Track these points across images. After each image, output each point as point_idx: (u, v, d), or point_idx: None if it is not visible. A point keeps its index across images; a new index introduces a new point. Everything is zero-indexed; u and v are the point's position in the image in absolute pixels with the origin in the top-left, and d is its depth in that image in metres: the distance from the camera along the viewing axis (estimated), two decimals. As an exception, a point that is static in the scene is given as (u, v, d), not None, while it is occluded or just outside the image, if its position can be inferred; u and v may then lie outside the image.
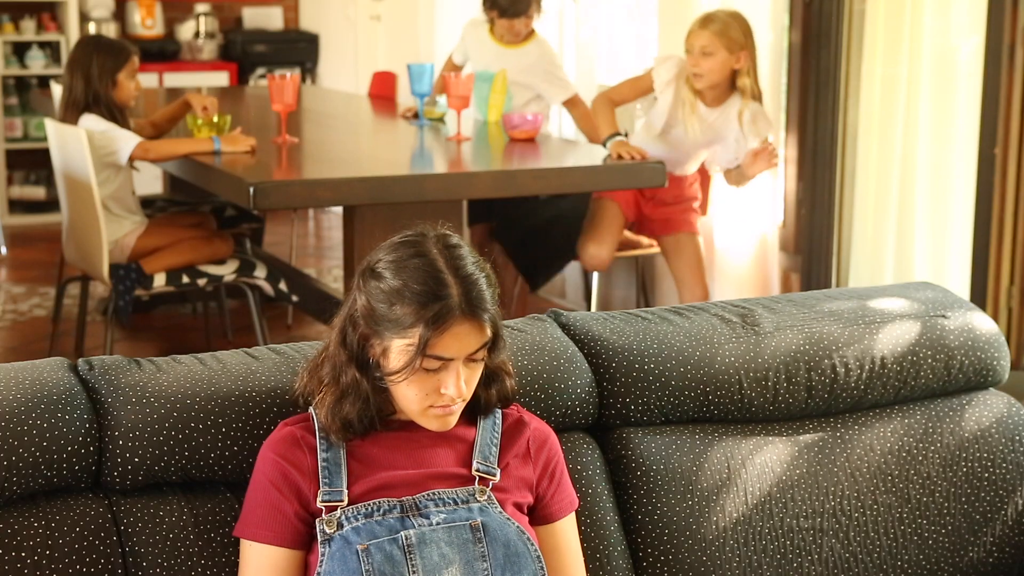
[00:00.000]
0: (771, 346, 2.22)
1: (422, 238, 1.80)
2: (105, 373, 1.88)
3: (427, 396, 1.77)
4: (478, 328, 1.76)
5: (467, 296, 1.75)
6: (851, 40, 4.51)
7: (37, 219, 7.61)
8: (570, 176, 4.13)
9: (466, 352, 1.76)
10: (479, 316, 1.76)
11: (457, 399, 1.78)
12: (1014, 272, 3.97)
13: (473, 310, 1.75)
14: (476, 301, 1.76)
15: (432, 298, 1.74)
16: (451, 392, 1.76)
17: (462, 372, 1.77)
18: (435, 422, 1.80)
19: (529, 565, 1.79)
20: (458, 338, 1.75)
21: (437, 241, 1.80)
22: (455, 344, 1.75)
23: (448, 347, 1.75)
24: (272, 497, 1.78)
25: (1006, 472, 2.30)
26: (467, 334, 1.76)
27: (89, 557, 1.78)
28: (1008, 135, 3.90)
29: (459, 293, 1.75)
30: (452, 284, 1.75)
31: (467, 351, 1.76)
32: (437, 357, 1.75)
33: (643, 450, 2.12)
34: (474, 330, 1.76)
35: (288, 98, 4.29)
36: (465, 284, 1.76)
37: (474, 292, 1.76)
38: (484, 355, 1.79)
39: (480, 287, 1.77)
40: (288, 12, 8.56)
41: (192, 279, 4.31)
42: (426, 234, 1.81)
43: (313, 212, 8.01)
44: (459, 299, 1.75)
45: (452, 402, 1.78)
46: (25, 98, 7.57)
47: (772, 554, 2.13)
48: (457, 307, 1.74)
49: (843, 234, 4.63)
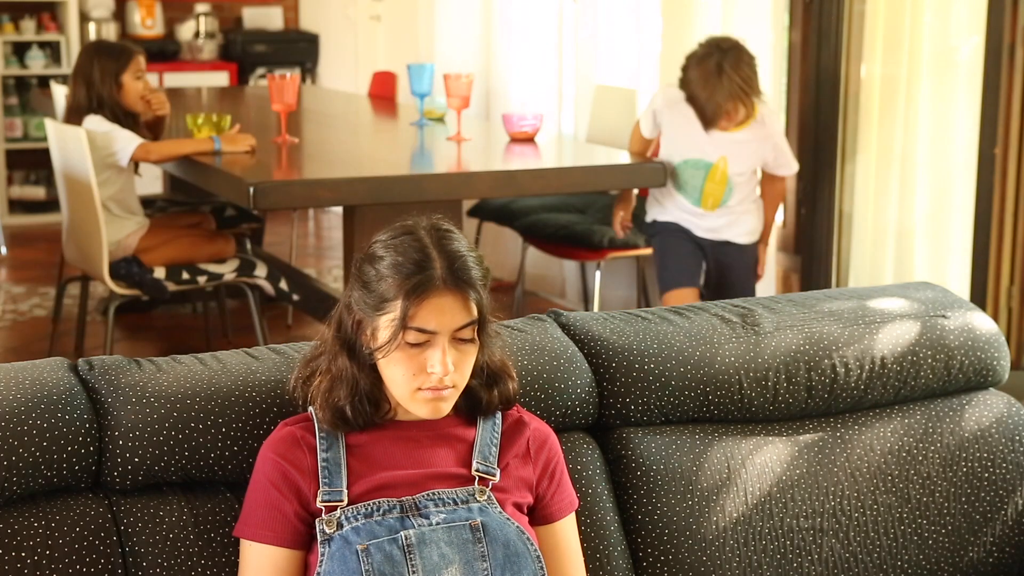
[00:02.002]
0: (771, 346, 2.22)
1: (415, 223, 1.82)
2: (105, 373, 1.88)
3: (414, 376, 1.76)
4: (461, 301, 1.76)
5: (450, 269, 1.76)
6: (851, 40, 4.51)
7: (37, 219, 7.62)
8: (570, 176, 4.13)
9: (449, 327, 1.76)
10: (462, 289, 1.76)
11: (444, 379, 1.76)
12: (1014, 272, 3.97)
13: (456, 283, 1.76)
14: (459, 274, 1.76)
15: (415, 269, 1.75)
16: (437, 370, 1.75)
17: (449, 352, 1.76)
18: (425, 407, 1.78)
19: (529, 565, 1.79)
20: (440, 310, 1.75)
21: (429, 226, 1.82)
22: (436, 316, 1.75)
23: (429, 319, 1.75)
24: (272, 497, 1.78)
25: (1006, 472, 2.30)
26: (450, 307, 1.75)
27: (89, 557, 1.78)
28: (1008, 135, 3.90)
29: (443, 266, 1.76)
30: (436, 258, 1.76)
31: (450, 325, 1.76)
32: (420, 329, 1.75)
33: (643, 450, 2.12)
34: (457, 303, 1.76)
35: (288, 98, 4.29)
36: (450, 258, 1.77)
37: (458, 265, 1.77)
38: (472, 335, 1.78)
39: (466, 263, 1.78)
40: (288, 12, 8.56)
41: (192, 276, 4.31)
42: (419, 222, 1.83)
43: (313, 212, 8.01)
44: (442, 272, 1.75)
45: (441, 384, 1.76)
46: (25, 98, 7.58)
47: (772, 554, 2.13)
48: (439, 278, 1.75)
49: (843, 234, 4.63)
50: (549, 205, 5.02)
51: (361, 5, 7.84)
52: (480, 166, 4.37)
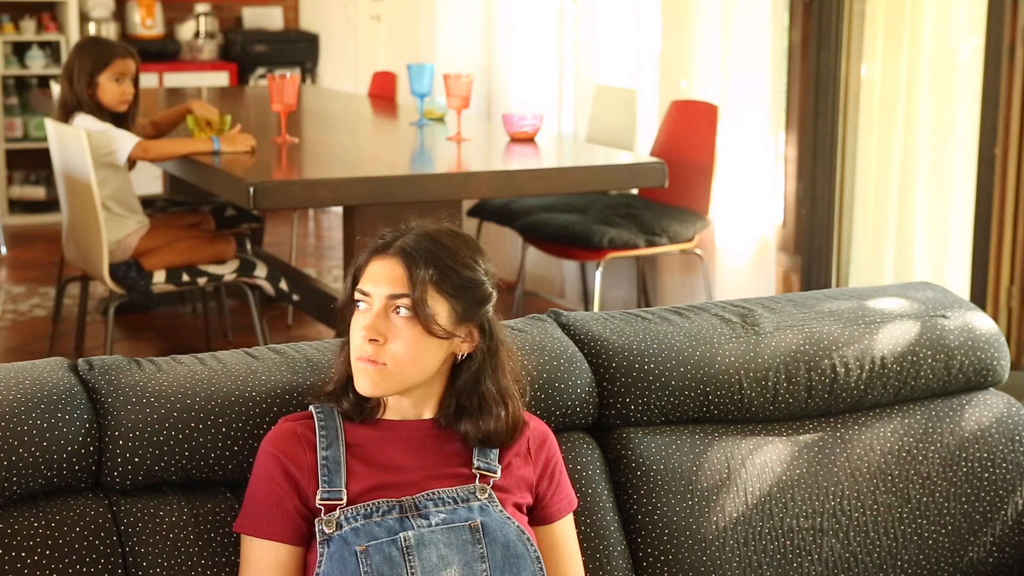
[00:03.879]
0: (771, 346, 2.22)
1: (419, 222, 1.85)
2: (105, 373, 1.88)
3: (354, 345, 1.79)
4: (402, 271, 1.77)
5: (409, 241, 1.78)
6: (851, 40, 4.51)
7: (37, 219, 7.62)
8: (570, 176, 4.13)
9: (382, 291, 1.77)
10: (408, 260, 1.77)
11: (367, 348, 1.75)
12: (1014, 272, 3.97)
13: (404, 254, 1.77)
14: (412, 247, 1.78)
15: (385, 239, 1.80)
16: (362, 335, 1.76)
17: (383, 323, 1.76)
18: (359, 377, 1.78)
19: (528, 566, 1.79)
20: (379, 273, 1.78)
21: (429, 225, 1.84)
22: (373, 278, 1.78)
23: (367, 280, 1.78)
24: (272, 492, 1.78)
25: (1006, 472, 2.30)
26: (389, 272, 1.77)
27: (89, 557, 1.78)
28: (1008, 135, 3.90)
29: (407, 239, 1.79)
30: (408, 234, 1.80)
31: (383, 291, 1.77)
32: (360, 290, 1.79)
33: (643, 450, 2.12)
34: (398, 271, 1.77)
35: (288, 98, 4.29)
36: (419, 237, 1.79)
37: (419, 242, 1.78)
38: (409, 312, 1.76)
39: (434, 247, 1.78)
40: (288, 12, 8.56)
41: (192, 278, 4.31)
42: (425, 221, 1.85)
43: (313, 212, 8.01)
44: (401, 243, 1.78)
45: (367, 354, 1.75)
46: (25, 98, 7.58)
47: (772, 554, 2.14)
48: (393, 246, 1.78)
49: (843, 234, 4.63)
50: (549, 205, 5.02)
51: (361, 5, 7.84)
52: (480, 166, 4.36)
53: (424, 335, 1.77)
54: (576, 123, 5.87)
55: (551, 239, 4.76)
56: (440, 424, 1.84)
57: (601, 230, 4.63)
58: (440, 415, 1.84)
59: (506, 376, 1.85)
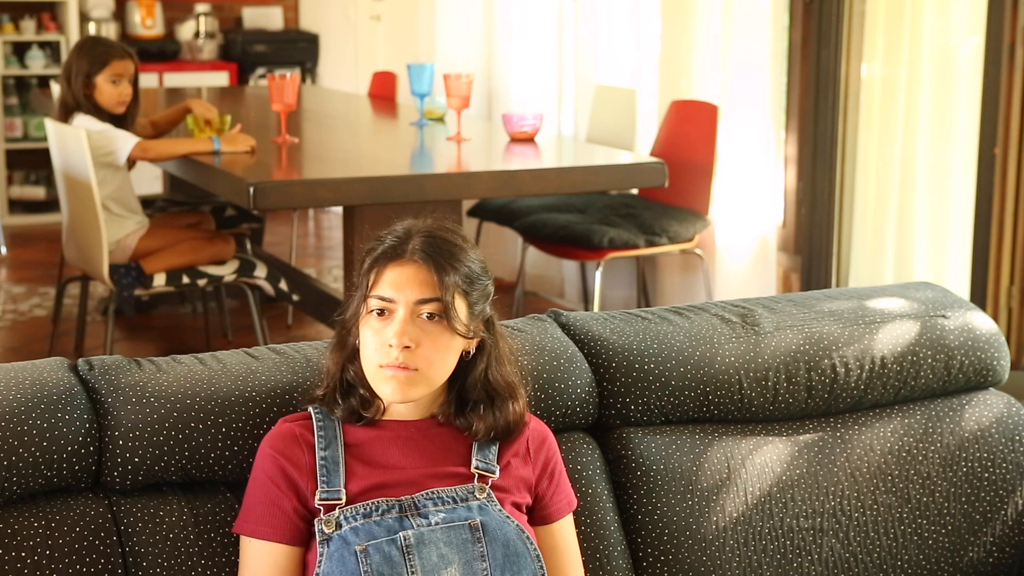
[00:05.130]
0: (771, 346, 2.22)
1: (415, 220, 1.84)
2: (105, 373, 1.88)
3: (377, 352, 1.76)
4: (426, 275, 1.76)
5: (424, 243, 1.77)
6: (851, 40, 4.51)
7: (37, 219, 7.62)
8: (570, 176, 4.13)
9: (409, 296, 1.75)
10: (431, 264, 1.76)
11: (400, 356, 1.73)
12: (1014, 272, 3.97)
13: (425, 257, 1.76)
14: (431, 248, 1.77)
15: (391, 243, 1.79)
16: (393, 342, 1.74)
17: (411, 329, 1.75)
18: (386, 385, 1.76)
19: (528, 565, 1.79)
20: (402, 279, 1.76)
21: (427, 222, 1.83)
22: (395, 284, 1.76)
23: (388, 286, 1.76)
24: (271, 493, 1.78)
25: (1006, 472, 2.30)
26: (412, 277, 1.76)
27: (89, 557, 1.78)
28: (1008, 135, 3.90)
29: (417, 241, 1.78)
30: (415, 236, 1.79)
31: (410, 296, 1.75)
32: (380, 297, 1.76)
33: (643, 450, 2.12)
34: (422, 275, 1.76)
35: (288, 98, 4.29)
36: (428, 238, 1.78)
37: (433, 243, 1.78)
38: (439, 315, 1.76)
39: (447, 247, 1.78)
40: (288, 12, 8.56)
41: (192, 279, 4.31)
42: (422, 220, 1.85)
43: (313, 212, 8.01)
44: (414, 246, 1.77)
45: (398, 362, 1.74)
46: (25, 98, 7.58)
47: (772, 554, 2.14)
48: (408, 251, 1.77)
49: (843, 234, 4.63)
50: (549, 205, 5.02)
51: (361, 5, 7.84)
52: (480, 166, 4.37)
53: (451, 336, 1.78)
54: (576, 123, 5.87)
55: (551, 239, 4.76)
56: (439, 423, 1.84)
57: (601, 230, 4.63)
58: (439, 413, 1.84)
59: (509, 368, 1.87)
